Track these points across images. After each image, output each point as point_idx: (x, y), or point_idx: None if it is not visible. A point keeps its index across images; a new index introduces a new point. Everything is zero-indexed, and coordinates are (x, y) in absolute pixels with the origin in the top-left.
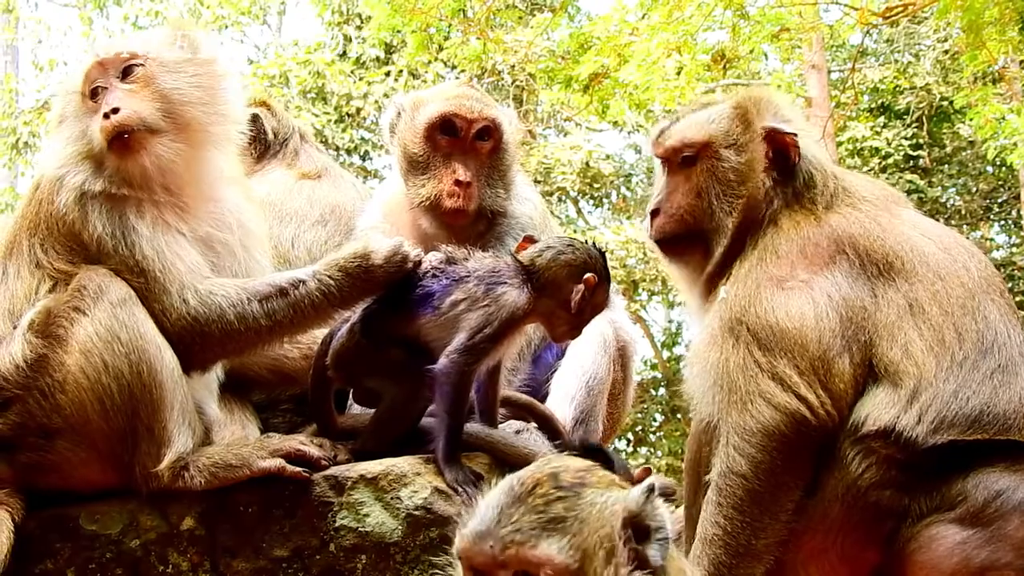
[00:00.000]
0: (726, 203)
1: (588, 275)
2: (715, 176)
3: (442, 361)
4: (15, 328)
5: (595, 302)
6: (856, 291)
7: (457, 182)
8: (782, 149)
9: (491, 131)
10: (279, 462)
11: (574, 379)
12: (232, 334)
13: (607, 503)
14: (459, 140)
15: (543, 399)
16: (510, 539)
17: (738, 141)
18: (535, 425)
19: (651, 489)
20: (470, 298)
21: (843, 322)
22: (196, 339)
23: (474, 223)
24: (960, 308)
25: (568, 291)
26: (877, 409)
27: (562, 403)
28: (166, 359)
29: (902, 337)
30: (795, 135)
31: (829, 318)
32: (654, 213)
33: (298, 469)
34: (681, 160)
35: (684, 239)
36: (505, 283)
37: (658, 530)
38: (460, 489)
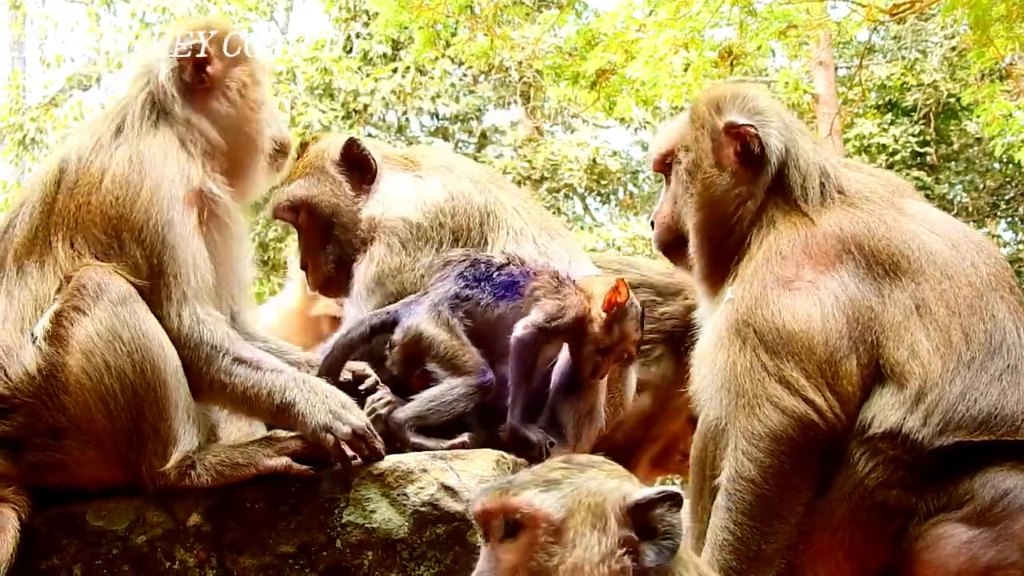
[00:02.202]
0: (688, 205)
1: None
2: (679, 179)
3: (520, 331)
4: (26, 333)
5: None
6: (863, 291)
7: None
8: (746, 142)
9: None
10: (285, 460)
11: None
12: (188, 366)
13: (613, 484)
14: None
15: (548, 393)
16: (501, 489)
17: (689, 144)
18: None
19: (672, 497)
20: (546, 287)
21: (850, 323)
22: None
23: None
24: (967, 308)
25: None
26: (883, 411)
27: (566, 398)
28: (169, 357)
29: (908, 338)
30: (752, 126)
31: (836, 319)
32: (652, 224)
33: (304, 467)
34: (666, 169)
35: (674, 245)
36: (570, 286)
37: (665, 536)
38: (545, 443)
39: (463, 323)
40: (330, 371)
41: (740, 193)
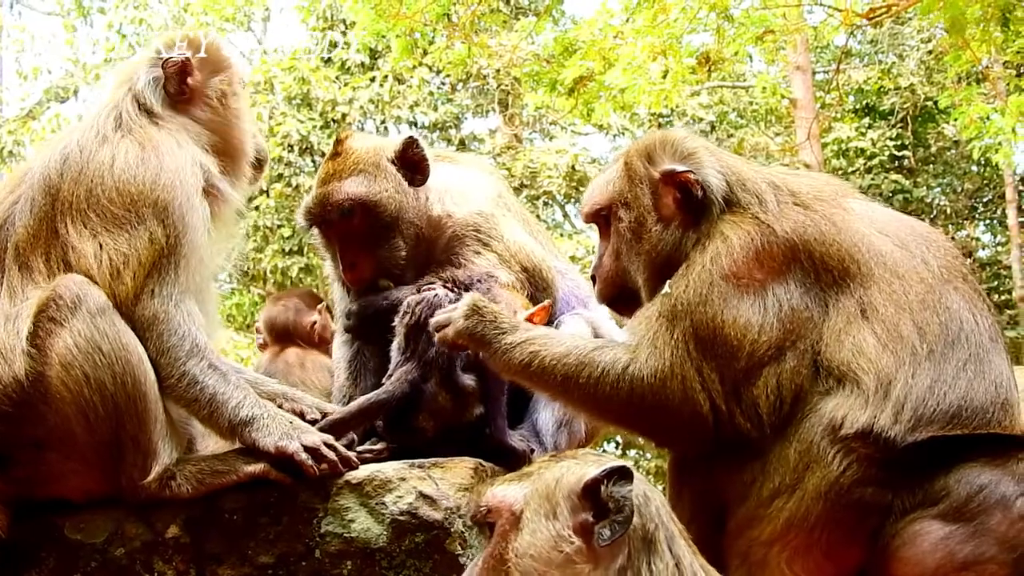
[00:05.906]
0: (634, 261)
1: None
2: (621, 236)
3: None
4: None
5: None
6: (806, 301)
7: (345, 271)
8: (686, 187)
9: (352, 209)
10: (264, 465)
11: None
12: (165, 352)
13: (573, 471)
14: (331, 228)
15: (528, 402)
16: (485, 485)
17: (627, 199)
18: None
19: (618, 470)
20: (489, 297)
21: (785, 332)
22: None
23: (391, 274)
24: (919, 303)
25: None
26: (853, 411)
27: (546, 406)
28: (148, 370)
29: (850, 340)
30: (690, 172)
31: (773, 329)
32: (593, 278)
33: (283, 474)
34: (601, 221)
35: (620, 298)
36: (495, 285)
37: (618, 511)
38: (527, 452)
39: (471, 376)
40: (345, 426)
41: (688, 238)
